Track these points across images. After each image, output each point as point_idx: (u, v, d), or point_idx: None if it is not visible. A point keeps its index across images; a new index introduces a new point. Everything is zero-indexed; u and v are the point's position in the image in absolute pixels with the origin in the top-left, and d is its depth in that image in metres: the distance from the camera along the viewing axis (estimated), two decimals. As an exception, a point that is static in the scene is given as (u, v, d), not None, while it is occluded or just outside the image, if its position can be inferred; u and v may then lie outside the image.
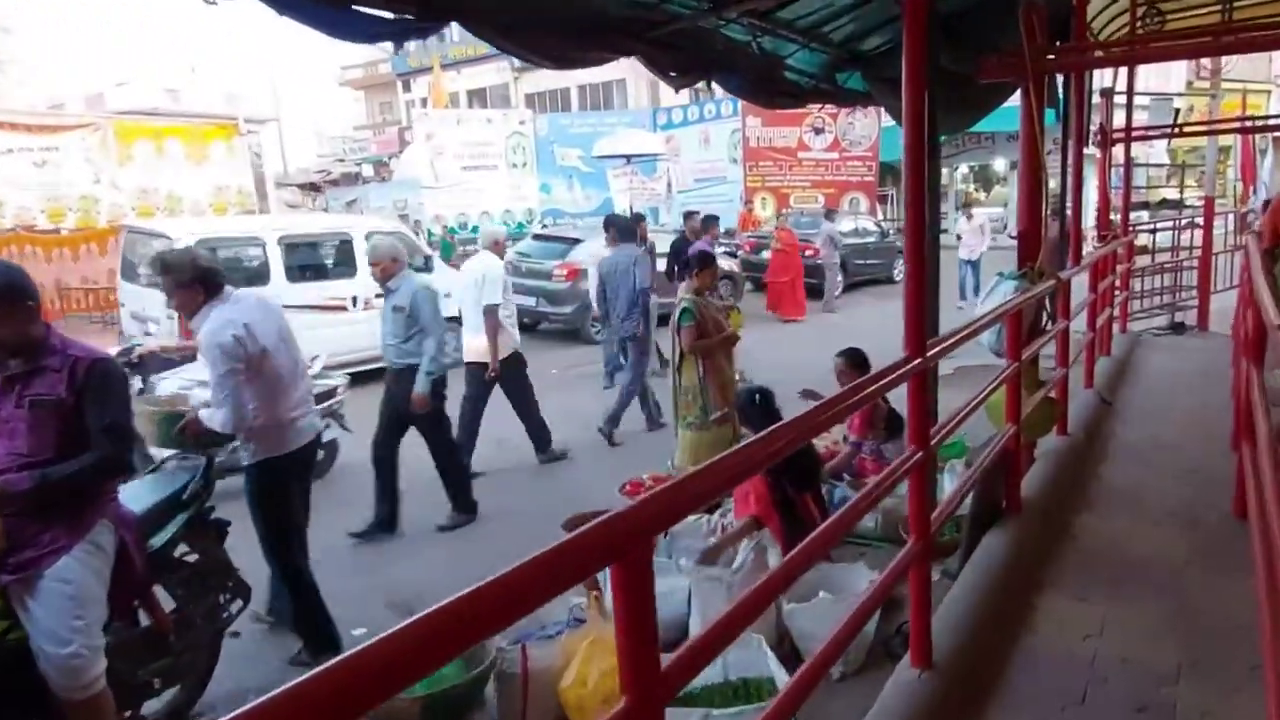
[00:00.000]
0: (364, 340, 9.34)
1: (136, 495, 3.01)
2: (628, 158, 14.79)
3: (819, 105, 13.43)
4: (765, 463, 3.27)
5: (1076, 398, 6.33)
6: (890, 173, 22.38)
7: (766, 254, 14.22)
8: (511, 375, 6.58)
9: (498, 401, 8.69)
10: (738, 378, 5.53)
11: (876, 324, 9.90)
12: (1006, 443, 3.88)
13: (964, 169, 26.84)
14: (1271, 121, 12.76)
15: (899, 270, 16.48)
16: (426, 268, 10.04)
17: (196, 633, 3.17)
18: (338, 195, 23.73)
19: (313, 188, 26.78)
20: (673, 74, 4.75)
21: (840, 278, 14.84)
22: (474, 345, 6.49)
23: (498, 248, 6.76)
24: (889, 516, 4.60)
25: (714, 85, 5.70)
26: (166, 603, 3.19)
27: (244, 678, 3.56)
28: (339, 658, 0.84)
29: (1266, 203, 10.37)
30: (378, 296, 9.42)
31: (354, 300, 9.26)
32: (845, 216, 17.04)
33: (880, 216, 20.03)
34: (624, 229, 8.20)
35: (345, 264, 9.34)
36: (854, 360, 5.61)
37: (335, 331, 9.04)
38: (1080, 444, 5.28)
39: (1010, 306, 3.79)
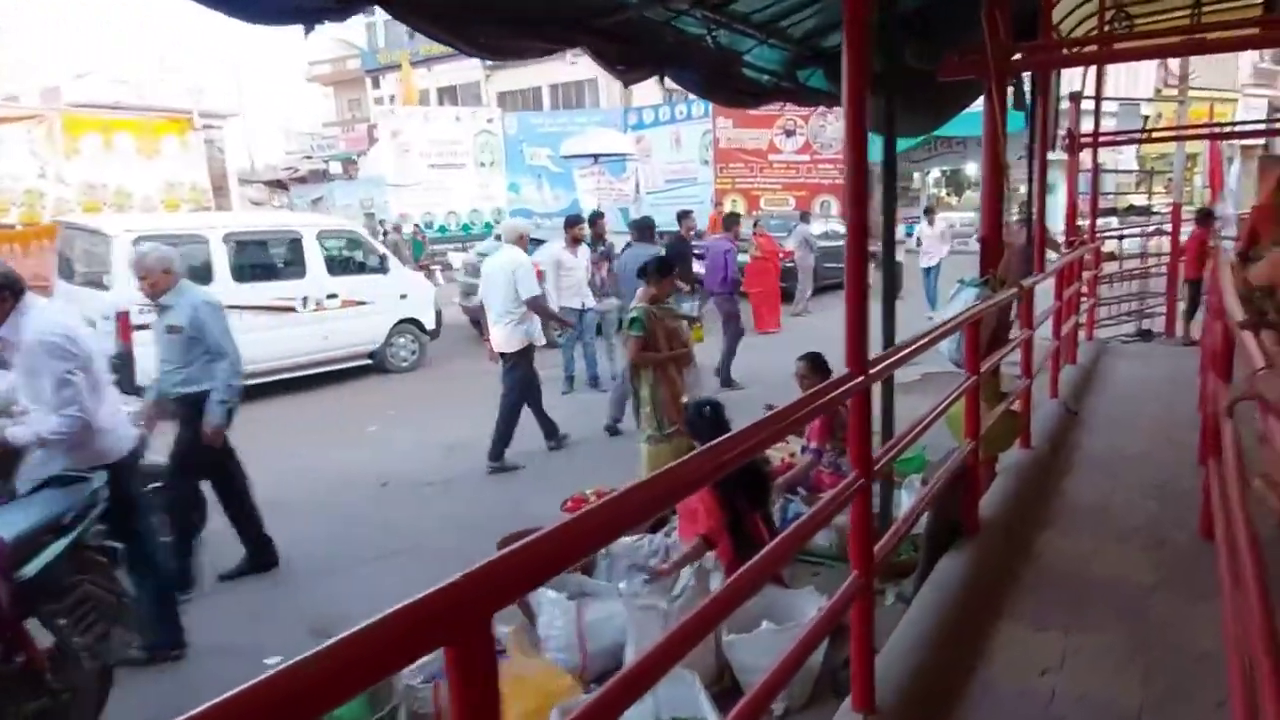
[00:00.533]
0: (314, 343, 9.07)
1: (9, 520, 2.73)
2: (595, 157, 14.53)
3: (781, 105, 13.19)
4: (710, 476, 3.05)
5: (1041, 407, 6.17)
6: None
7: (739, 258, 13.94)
8: (519, 367, 6.69)
9: (451, 404, 8.49)
10: (684, 398, 5.31)
11: (836, 330, 9.70)
12: (965, 459, 3.69)
13: (936, 173, 26.87)
14: (1239, 129, 12.76)
15: (870, 274, 16.39)
16: (382, 268, 9.76)
17: (79, 669, 2.89)
18: (303, 193, 23.29)
19: (278, 185, 26.26)
20: (621, 68, 4.51)
21: (811, 280, 14.68)
22: (500, 337, 6.68)
23: (522, 241, 6.98)
24: (844, 534, 4.38)
25: (674, 83, 5.47)
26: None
27: (138, 714, 3.28)
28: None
29: (1202, 212, 10.34)
30: (330, 297, 9.19)
31: (304, 301, 8.95)
32: (816, 219, 16.90)
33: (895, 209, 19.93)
34: (643, 229, 8.40)
35: (294, 264, 9.02)
36: (815, 364, 5.42)
37: (283, 333, 8.74)
38: (1044, 457, 5.11)
39: (968, 316, 3.59)
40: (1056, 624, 3.33)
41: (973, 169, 25.27)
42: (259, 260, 8.89)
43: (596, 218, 10.18)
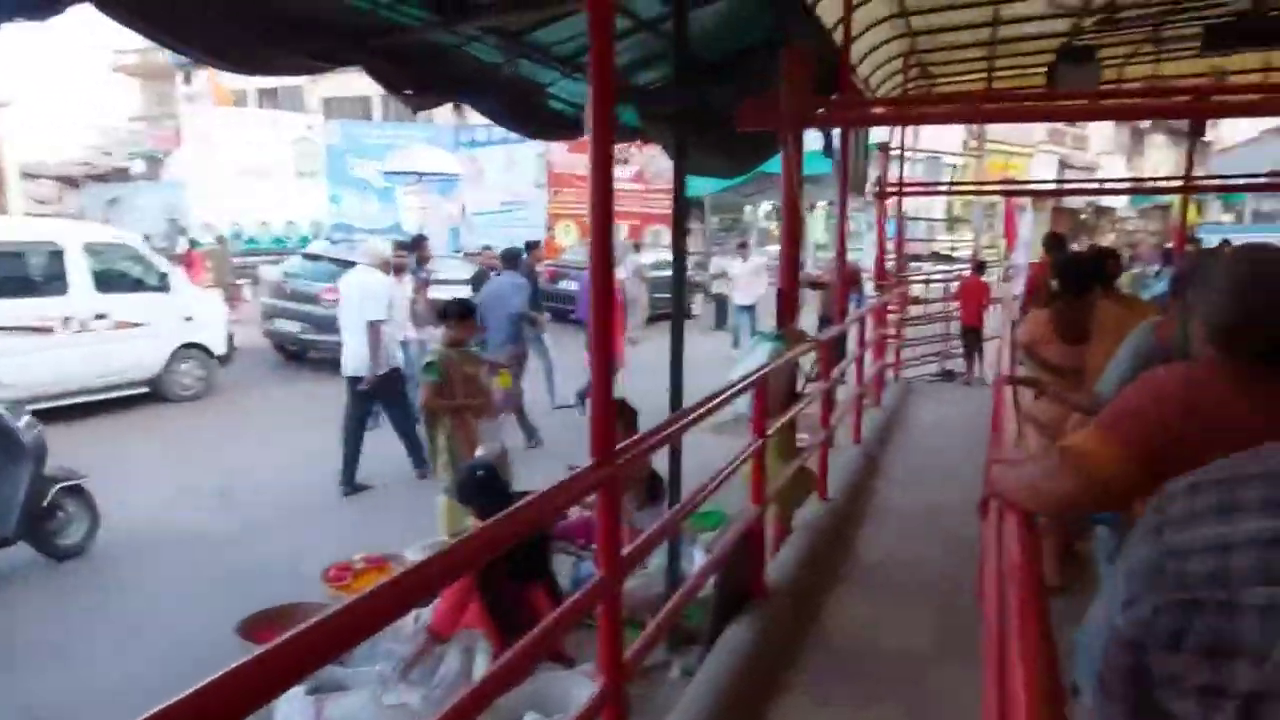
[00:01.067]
0: (76, 369, 8.06)
1: None
2: (420, 175, 13.91)
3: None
4: (472, 564, 2.74)
5: (844, 453, 6.23)
6: (696, 206, 22.74)
7: (566, 284, 13.75)
8: (389, 391, 6.71)
9: (237, 440, 7.70)
10: (481, 449, 5.01)
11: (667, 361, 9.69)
12: (750, 524, 3.55)
13: (766, 206, 27.75)
14: (1028, 187, 13.86)
15: (697, 305, 16.54)
16: (162, 285, 8.80)
17: None
18: (99, 192, 21.09)
19: (70, 181, 23.75)
20: (408, 92, 4.16)
21: (644, 310, 14.62)
22: (353, 359, 6.61)
23: (385, 265, 7.06)
24: (630, 600, 4.16)
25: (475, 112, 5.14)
26: None
27: None
28: None
29: (976, 263, 11.12)
30: (98, 318, 8.19)
31: (65, 321, 7.90)
32: (648, 249, 16.96)
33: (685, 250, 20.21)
34: (510, 257, 8.42)
35: (54, 279, 7.94)
36: (616, 412, 5.22)
37: (38, 358, 7.69)
38: (841, 509, 5.09)
39: (754, 377, 3.46)
40: (837, 699, 3.23)
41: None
42: (9, 274, 7.75)
43: (420, 240, 9.69)
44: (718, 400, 3.20)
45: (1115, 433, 1.45)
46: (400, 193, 14.58)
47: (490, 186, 17.61)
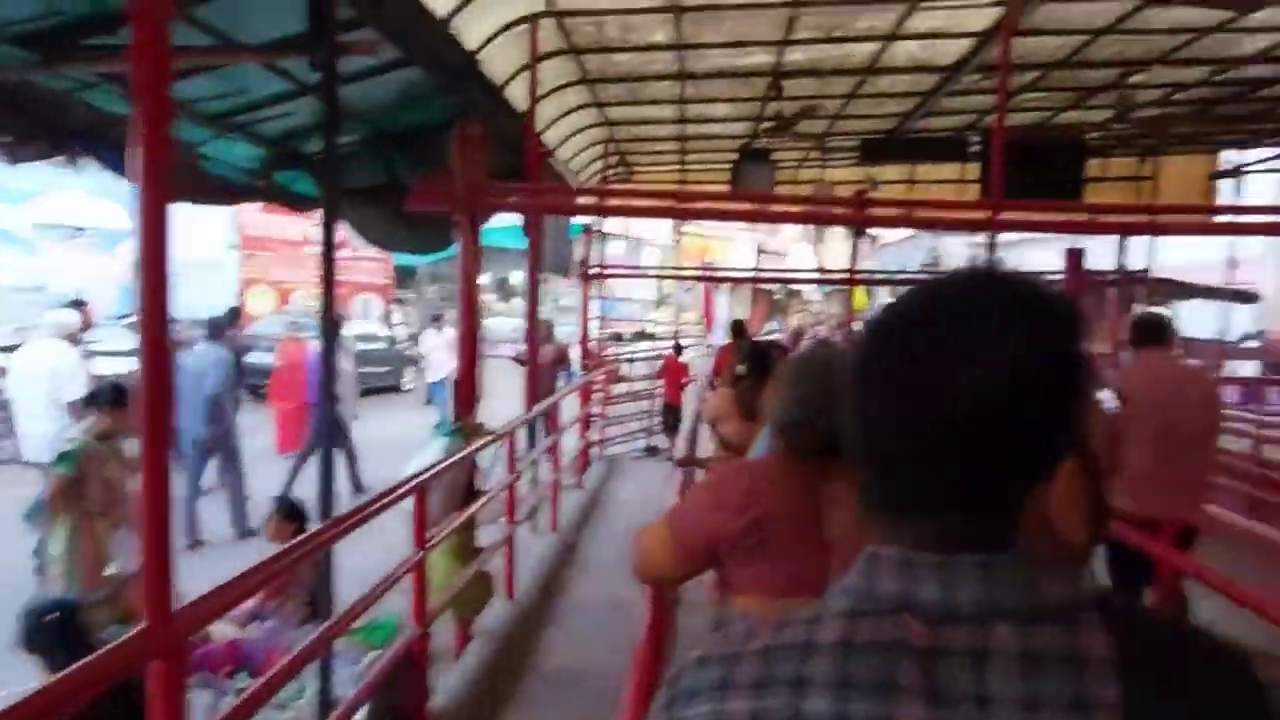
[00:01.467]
0: None
1: None
2: (80, 228, 12.10)
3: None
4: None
5: (541, 541, 6.03)
6: (409, 276, 22.10)
7: (260, 357, 12.38)
8: None
9: None
10: (111, 567, 4.20)
11: (381, 439, 9.15)
12: (410, 645, 3.17)
13: (484, 279, 27.62)
14: (721, 274, 14.95)
15: (408, 379, 15.75)
16: None
17: None
18: None
19: None
20: (8, 140, 3.45)
21: (354, 387, 13.53)
22: (43, 442, 5.78)
23: (73, 338, 6.30)
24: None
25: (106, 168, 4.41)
26: None
27: None
28: None
29: (675, 345, 11.76)
30: None
31: None
32: (357, 320, 16.00)
33: (400, 320, 19.44)
34: (213, 326, 7.37)
35: None
36: (286, 513, 4.66)
37: None
38: (529, 610, 4.82)
39: (417, 480, 3.14)
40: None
41: (520, 276, 26.44)
42: None
43: (79, 305, 8.27)
44: (377, 506, 2.85)
45: (675, 528, 1.57)
46: (52, 246, 12.46)
47: (174, 245, 15.54)
